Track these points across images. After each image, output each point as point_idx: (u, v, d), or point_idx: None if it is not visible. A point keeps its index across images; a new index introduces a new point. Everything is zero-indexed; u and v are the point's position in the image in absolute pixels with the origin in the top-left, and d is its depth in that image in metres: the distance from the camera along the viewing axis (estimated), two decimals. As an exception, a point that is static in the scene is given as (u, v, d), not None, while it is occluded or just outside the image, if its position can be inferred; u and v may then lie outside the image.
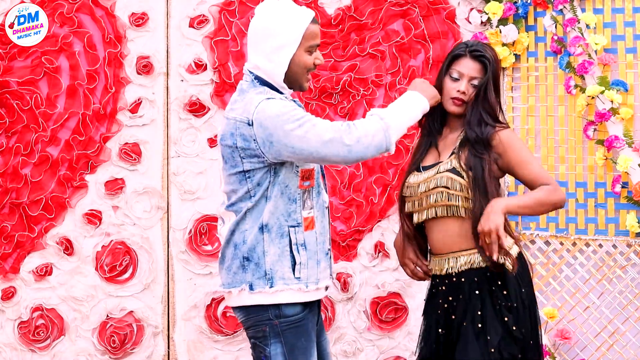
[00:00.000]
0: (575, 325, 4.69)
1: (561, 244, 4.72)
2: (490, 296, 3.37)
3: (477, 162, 3.37)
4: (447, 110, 3.47)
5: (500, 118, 3.48)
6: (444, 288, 3.46)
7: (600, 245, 4.67)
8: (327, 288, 3.35)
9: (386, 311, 4.83)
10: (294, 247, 3.22)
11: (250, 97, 3.21)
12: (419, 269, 3.55)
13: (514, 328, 3.34)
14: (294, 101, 3.34)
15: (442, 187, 3.40)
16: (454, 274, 3.43)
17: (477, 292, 3.37)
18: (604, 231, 4.67)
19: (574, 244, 4.71)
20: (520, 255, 3.45)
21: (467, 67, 3.44)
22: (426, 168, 3.50)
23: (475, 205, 3.35)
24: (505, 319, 3.34)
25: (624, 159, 4.53)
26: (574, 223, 4.70)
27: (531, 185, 3.43)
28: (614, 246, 4.66)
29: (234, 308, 3.33)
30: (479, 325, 3.34)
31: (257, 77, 3.26)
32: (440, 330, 3.46)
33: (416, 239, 3.56)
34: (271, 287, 3.20)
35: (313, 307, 3.32)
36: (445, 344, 3.43)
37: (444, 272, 3.45)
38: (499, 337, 3.32)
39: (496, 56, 3.50)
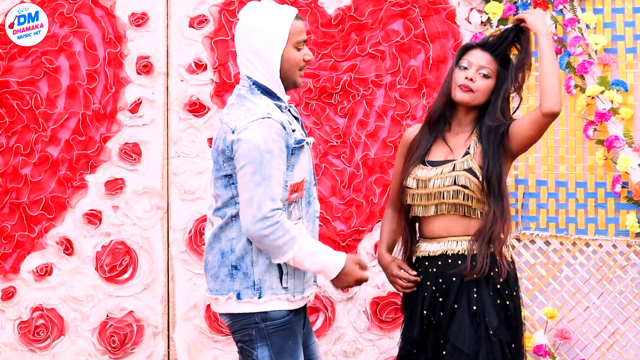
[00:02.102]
0: (575, 325, 4.68)
1: (561, 244, 4.71)
2: (487, 280, 3.34)
3: (493, 165, 3.37)
4: (454, 99, 3.47)
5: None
6: (434, 270, 3.42)
7: (600, 245, 4.66)
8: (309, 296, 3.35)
9: (386, 311, 4.82)
10: None
11: (248, 105, 3.20)
12: (406, 282, 3.48)
13: (509, 314, 3.33)
14: (291, 111, 3.32)
15: (460, 186, 3.38)
16: (450, 254, 3.40)
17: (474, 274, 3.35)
18: (604, 231, 4.65)
19: (574, 244, 4.69)
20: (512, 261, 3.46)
21: (477, 56, 3.48)
22: (435, 163, 3.46)
23: (490, 208, 3.35)
24: (507, 302, 3.33)
25: (624, 159, 4.53)
26: (574, 223, 4.69)
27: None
28: (614, 246, 4.65)
29: (221, 313, 3.32)
30: (474, 308, 3.31)
31: (255, 83, 3.24)
32: (424, 311, 3.41)
33: (405, 232, 3.53)
34: (260, 297, 3.21)
35: (299, 310, 3.31)
36: (435, 325, 3.39)
37: (438, 253, 3.42)
38: (497, 320, 3.29)
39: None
